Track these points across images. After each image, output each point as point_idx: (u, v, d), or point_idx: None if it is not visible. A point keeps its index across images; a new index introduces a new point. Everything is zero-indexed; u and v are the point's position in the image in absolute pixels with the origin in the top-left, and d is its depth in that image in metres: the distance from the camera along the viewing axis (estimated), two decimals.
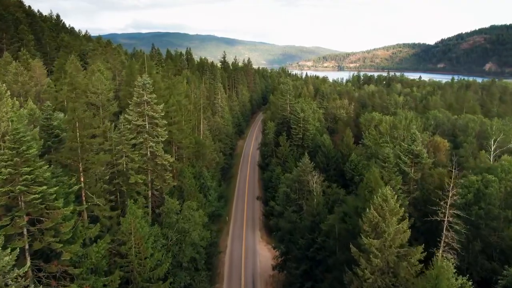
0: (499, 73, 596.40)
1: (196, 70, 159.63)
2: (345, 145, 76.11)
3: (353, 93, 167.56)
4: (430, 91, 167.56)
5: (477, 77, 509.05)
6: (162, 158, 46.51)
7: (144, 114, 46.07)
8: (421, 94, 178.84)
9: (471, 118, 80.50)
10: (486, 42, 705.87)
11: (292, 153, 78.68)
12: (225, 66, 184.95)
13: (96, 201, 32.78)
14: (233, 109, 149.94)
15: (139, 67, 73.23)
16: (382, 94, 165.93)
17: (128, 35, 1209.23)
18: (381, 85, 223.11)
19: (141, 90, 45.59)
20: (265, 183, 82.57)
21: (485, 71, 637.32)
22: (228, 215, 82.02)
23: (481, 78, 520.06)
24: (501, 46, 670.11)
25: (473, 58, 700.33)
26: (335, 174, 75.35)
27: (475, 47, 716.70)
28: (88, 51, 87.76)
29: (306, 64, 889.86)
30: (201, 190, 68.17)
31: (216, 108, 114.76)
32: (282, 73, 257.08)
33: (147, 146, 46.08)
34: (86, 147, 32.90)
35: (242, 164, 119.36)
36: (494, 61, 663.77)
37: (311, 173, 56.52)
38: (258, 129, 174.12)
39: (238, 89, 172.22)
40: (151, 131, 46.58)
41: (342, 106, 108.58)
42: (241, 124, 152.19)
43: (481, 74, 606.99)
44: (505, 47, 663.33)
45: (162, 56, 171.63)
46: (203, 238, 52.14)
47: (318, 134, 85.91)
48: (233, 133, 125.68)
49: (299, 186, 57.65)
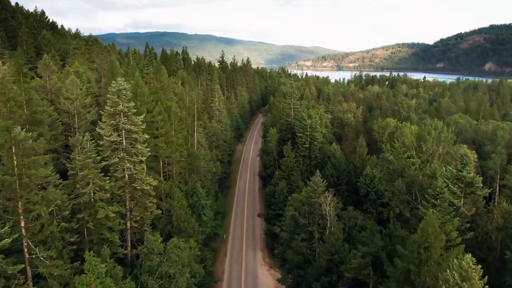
0: (499, 73, 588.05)
1: (192, 71, 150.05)
2: (358, 157, 66.76)
3: (358, 95, 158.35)
4: (438, 92, 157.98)
5: (477, 77, 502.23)
6: (142, 182, 37.06)
7: (119, 128, 36.59)
8: (429, 96, 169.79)
9: (498, 125, 71.04)
10: (486, 42, 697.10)
11: (298, 165, 69.28)
12: (223, 66, 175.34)
13: (40, 255, 23.35)
14: (231, 111, 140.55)
15: (125, 68, 63.76)
16: (389, 96, 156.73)
17: (126, 35, 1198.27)
18: (384, 85, 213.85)
19: (116, 98, 36.09)
20: (267, 198, 73.10)
21: (485, 71, 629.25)
22: (226, 233, 72.49)
23: (481, 78, 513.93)
24: (501, 46, 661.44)
25: (472, 58, 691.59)
26: (347, 189, 66.06)
27: (475, 46, 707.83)
28: (69, 50, 78.07)
29: (305, 64, 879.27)
30: (194, 211, 58.79)
31: (213, 112, 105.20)
32: (282, 73, 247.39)
33: (124, 167, 36.60)
34: (27, 182, 23.45)
35: (241, 171, 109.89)
36: (494, 61, 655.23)
37: (324, 194, 47.22)
38: (258, 132, 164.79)
39: (236, 90, 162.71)
40: (129, 148, 37.08)
41: (350, 109, 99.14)
42: (240, 127, 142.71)
43: (481, 74, 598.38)
44: (505, 46, 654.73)
45: (158, 55, 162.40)
46: (195, 275, 42.83)
47: (326, 142, 76.63)
48: (231, 138, 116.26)
49: (309, 209, 48.34)
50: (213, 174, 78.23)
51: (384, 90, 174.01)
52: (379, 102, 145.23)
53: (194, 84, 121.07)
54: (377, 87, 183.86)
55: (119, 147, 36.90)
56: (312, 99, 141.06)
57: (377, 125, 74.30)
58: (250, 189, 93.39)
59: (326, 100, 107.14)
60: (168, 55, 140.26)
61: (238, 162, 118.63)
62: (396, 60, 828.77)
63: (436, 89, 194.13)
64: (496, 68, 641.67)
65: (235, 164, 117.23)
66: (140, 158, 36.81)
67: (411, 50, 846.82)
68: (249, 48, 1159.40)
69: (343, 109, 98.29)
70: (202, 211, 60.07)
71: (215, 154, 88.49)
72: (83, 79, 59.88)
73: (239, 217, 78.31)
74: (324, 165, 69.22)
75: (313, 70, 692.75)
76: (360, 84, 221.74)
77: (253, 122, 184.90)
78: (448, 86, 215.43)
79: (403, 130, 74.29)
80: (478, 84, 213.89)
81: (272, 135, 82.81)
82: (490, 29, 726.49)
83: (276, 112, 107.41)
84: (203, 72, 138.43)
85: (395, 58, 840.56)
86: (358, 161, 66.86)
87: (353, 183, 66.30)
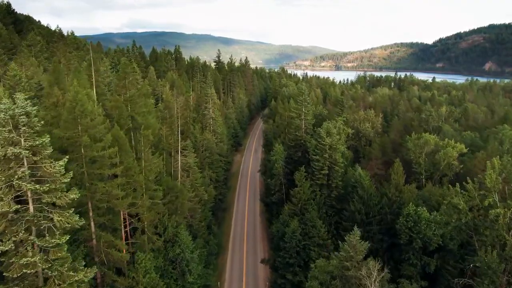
0: (499, 73, 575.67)
1: (185, 72, 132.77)
2: (392, 187, 50.01)
3: (367, 98, 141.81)
4: (457, 95, 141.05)
5: (478, 77, 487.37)
6: (63, 281, 20.11)
7: (18, 187, 19.63)
8: (445, 99, 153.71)
9: None
10: (485, 42, 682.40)
11: (314, 197, 52.34)
12: (220, 67, 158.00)
13: None
14: (228, 117, 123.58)
15: (85, 70, 46.64)
16: (402, 99, 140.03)
17: (123, 35, 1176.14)
18: (392, 87, 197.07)
19: (7, 133, 19.14)
20: (274, 239, 56.01)
21: (485, 71, 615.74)
22: (220, 279, 55.45)
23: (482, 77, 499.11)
24: (501, 46, 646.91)
25: (472, 57, 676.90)
26: (380, 229, 49.47)
27: (474, 46, 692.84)
28: (21, 48, 60.81)
29: (304, 64, 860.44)
30: (176, 267, 41.96)
31: (207, 121, 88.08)
32: (283, 74, 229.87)
33: (28, 260, 19.61)
34: None
35: (240, 190, 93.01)
36: (494, 60, 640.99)
37: (367, 264, 30.50)
38: (258, 138, 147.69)
39: (234, 93, 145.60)
40: (39, 221, 20.16)
41: (368, 118, 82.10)
42: (238, 134, 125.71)
43: (481, 73, 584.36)
44: (504, 46, 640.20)
45: (146, 55, 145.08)
46: None
47: (346, 162, 59.74)
48: (228, 149, 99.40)
49: (342, 284, 31.68)
50: (205, 202, 61.41)
51: (394, 92, 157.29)
52: (394, 108, 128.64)
53: (185, 87, 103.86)
54: (386, 89, 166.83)
55: (21, 219, 19.94)
56: (318, 103, 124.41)
57: (413, 143, 57.50)
58: (250, 217, 76.35)
59: (339, 106, 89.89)
60: (159, 55, 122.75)
61: (236, 177, 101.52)
62: (395, 60, 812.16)
63: (454, 92, 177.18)
64: (496, 67, 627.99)
65: (232, 179, 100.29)
66: (57, 241, 19.79)
67: (410, 50, 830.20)
68: (247, 48, 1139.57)
69: (360, 118, 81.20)
70: (186, 267, 43.34)
71: (207, 174, 71.63)
72: (24, 86, 42.77)
73: (236, 262, 60.44)
74: (347, 197, 52.60)
75: (311, 70, 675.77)
76: (365, 85, 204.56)
77: (252, 127, 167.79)
78: (461, 88, 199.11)
79: (438, 144, 57.41)
80: (492, 85, 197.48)
81: (278, 152, 65.84)
82: (489, 28, 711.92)
83: (280, 121, 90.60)
84: (196, 74, 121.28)
85: (394, 58, 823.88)
86: (393, 193, 50.20)
87: (387, 222, 49.76)
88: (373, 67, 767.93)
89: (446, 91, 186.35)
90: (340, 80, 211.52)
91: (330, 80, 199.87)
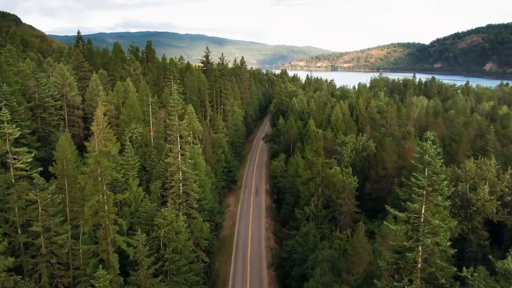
0: (500, 73, 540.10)
1: (156, 77, 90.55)
2: None
3: (403, 115, 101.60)
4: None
5: (478, 77, 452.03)
6: None
7: None
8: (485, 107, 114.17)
9: None
10: (484, 42, 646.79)
11: None
12: (208, 70, 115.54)
13: None
14: (218, 142, 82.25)
15: None
16: (454, 115, 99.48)
17: (116, 34, 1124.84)
18: (420, 93, 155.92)
19: None
20: None
21: (486, 71, 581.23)
22: None
23: (482, 78, 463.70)
24: (501, 46, 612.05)
25: (471, 57, 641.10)
26: None
27: (473, 46, 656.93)
28: None
29: (299, 64, 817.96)
30: None
31: (177, 162, 46.15)
32: (285, 77, 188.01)
33: None
34: None
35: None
36: (495, 60, 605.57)
37: None
38: (259, 167, 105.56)
39: (226, 106, 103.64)
40: None
41: (484, 173, 41.28)
42: (231, 169, 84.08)
43: (482, 74, 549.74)
44: (505, 46, 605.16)
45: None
46: None
47: None
48: (215, 212, 57.79)
49: None
50: None
51: (437, 103, 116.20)
52: (451, 129, 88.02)
53: (140, 107, 61.56)
54: (424, 99, 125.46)
55: None
56: (345, 126, 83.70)
57: None
58: None
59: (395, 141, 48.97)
60: (111, 56, 79.97)
61: (227, 262, 58.99)
62: (392, 60, 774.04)
63: (494, 99, 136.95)
64: (497, 68, 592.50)
65: (221, 253, 58.87)
66: None
67: (407, 50, 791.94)
68: (241, 48, 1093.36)
69: (468, 174, 40.42)
70: None
71: None
72: None
73: None
74: None
75: (306, 70, 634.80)
76: (386, 91, 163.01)
77: (250, 147, 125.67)
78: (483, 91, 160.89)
79: None
80: None
81: None
82: (487, 28, 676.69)
83: (307, 169, 49.29)
84: (170, 81, 79.23)
85: (391, 58, 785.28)
86: None
87: None
88: (370, 68, 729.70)
89: (482, 97, 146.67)
90: (354, 85, 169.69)
91: (348, 87, 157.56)
